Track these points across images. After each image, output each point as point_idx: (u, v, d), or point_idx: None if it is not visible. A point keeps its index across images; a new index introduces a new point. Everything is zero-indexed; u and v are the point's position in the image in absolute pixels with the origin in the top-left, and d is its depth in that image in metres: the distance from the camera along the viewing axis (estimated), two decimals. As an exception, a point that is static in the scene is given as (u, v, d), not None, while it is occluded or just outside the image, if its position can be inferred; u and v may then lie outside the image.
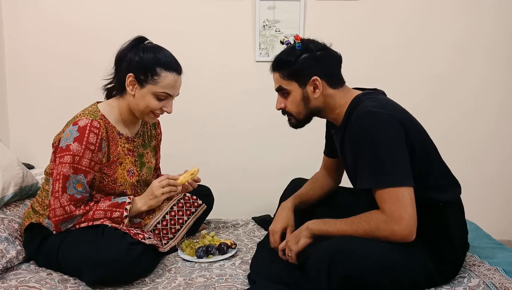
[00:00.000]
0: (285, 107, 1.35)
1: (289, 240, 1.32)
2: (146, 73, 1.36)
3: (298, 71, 1.28)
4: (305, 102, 1.30)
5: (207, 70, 2.29)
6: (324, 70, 1.28)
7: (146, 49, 1.40)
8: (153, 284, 1.29)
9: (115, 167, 1.42)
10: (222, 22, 2.27)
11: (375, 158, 1.15)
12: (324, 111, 1.33)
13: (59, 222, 1.34)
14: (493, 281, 1.19)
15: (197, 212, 1.64)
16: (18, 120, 2.33)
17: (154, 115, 1.45)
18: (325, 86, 1.29)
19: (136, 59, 1.37)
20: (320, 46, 1.30)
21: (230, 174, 2.35)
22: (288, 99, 1.32)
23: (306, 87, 1.29)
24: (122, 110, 1.45)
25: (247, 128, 2.34)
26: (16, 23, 2.25)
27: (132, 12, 2.24)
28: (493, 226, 1.97)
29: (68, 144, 1.32)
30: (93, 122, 1.34)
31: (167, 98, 1.41)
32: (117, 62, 1.43)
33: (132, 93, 1.39)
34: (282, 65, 1.30)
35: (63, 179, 1.32)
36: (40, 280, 1.26)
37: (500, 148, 2.38)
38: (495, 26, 2.28)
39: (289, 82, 1.30)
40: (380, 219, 1.13)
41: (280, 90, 1.33)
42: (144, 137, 1.57)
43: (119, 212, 1.37)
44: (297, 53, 1.27)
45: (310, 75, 1.27)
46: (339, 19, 2.24)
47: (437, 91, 2.34)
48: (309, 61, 1.27)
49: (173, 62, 1.41)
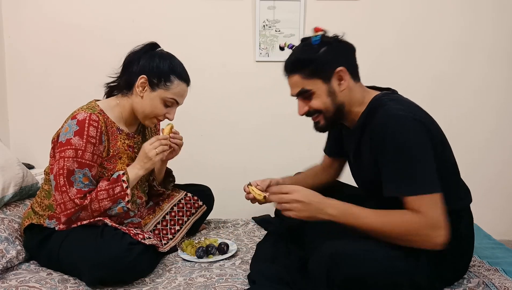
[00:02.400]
0: (309, 109, 1.26)
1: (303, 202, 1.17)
2: (160, 78, 1.39)
3: (320, 66, 1.21)
4: (332, 97, 1.23)
5: (207, 70, 2.29)
6: (346, 60, 1.23)
7: (162, 56, 1.43)
8: (153, 284, 1.29)
9: (115, 161, 1.42)
10: (222, 22, 2.27)
11: (407, 165, 1.10)
12: (348, 108, 1.25)
13: (71, 215, 1.32)
14: (493, 281, 1.19)
15: (197, 213, 1.65)
16: (18, 120, 2.33)
17: (157, 120, 1.46)
18: (349, 77, 1.23)
19: (152, 64, 1.40)
20: (335, 37, 1.24)
21: (230, 174, 2.35)
22: (313, 100, 1.24)
23: (331, 81, 1.22)
24: (123, 109, 1.45)
25: (247, 128, 2.34)
26: (16, 23, 2.25)
27: (132, 12, 2.24)
28: (493, 226, 1.97)
29: (69, 138, 1.32)
30: (92, 116, 1.34)
31: (173, 105, 1.44)
32: (126, 63, 1.45)
33: (141, 94, 1.40)
34: (302, 64, 1.23)
35: (68, 174, 1.31)
36: (40, 280, 1.26)
37: (500, 148, 2.38)
38: (495, 26, 2.29)
39: (311, 81, 1.22)
40: (421, 223, 1.08)
41: (301, 93, 1.25)
42: (144, 134, 1.57)
43: (119, 186, 1.35)
44: (316, 48, 1.21)
45: (334, 67, 1.21)
46: (339, 19, 2.25)
47: (437, 91, 2.34)
48: (330, 53, 1.21)
49: (186, 73, 1.45)
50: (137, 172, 1.41)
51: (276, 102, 2.30)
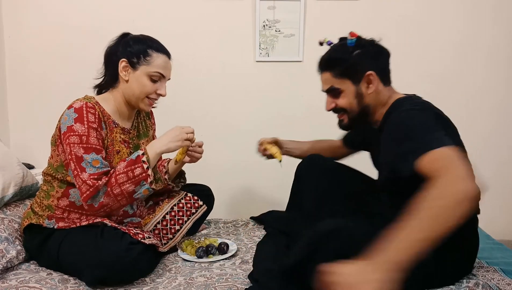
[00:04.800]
0: (336, 106, 1.32)
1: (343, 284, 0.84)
2: (139, 55, 1.40)
3: (352, 67, 1.26)
4: (358, 99, 1.28)
5: (207, 70, 2.29)
6: (378, 65, 1.27)
7: (135, 37, 1.45)
8: (154, 284, 1.29)
9: (112, 155, 1.41)
10: (222, 22, 2.27)
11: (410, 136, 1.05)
12: (374, 109, 1.30)
13: (88, 198, 1.29)
14: (492, 281, 1.19)
15: (197, 213, 1.65)
16: (18, 120, 2.33)
17: (149, 100, 1.45)
18: (378, 81, 1.27)
19: (127, 46, 1.42)
20: (371, 41, 1.30)
21: (230, 174, 2.35)
22: (340, 98, 1.30)
23: (360, 84, 1.27)
24: (117, 101, 1.46)
25: (247, 128, 2.34)
26: (16, 23, 2.25)
27: (132, 12, 2.24)
28: (493, 226, 1.97)
29: (70, 125, 1.31)
30: (88, 104, 1.35)
31: (160, 79, 1.44)
32: (106, 57, 1.47)
33: (126, 78, 1.41)
34: (334, 63, 1.28)
35: (77, 160, 1.30)
36: (40, 280, 1.26)
37: (499, 148, 2.38)
38: (495, 26, 2.29)
39: (342, 80, 1.27)
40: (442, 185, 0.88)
41: (331, 90, 1.31)
42: (138, 128, 1.56)
43: (139, 167, 1.32)
44: (350, 50, 1.26)
45: (365, 70, 1.25)
46: (339, 19, 2.25)
47: (437, 91, 2.33)
48: (363, 56, 1.26)
49: (163, 46, 1.46)
50: (157, 150, 1.36)
51: (276, 102, 2.30)
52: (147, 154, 1.34)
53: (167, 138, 1.39)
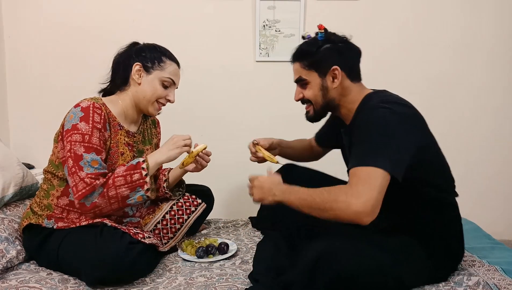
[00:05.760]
0: (303, 97, 1.37)
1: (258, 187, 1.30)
2: (153, 61, 1.45)
3: (319, 60, 1.30)
4: (323, 91, 1.32)
5: (207, 70, 2.30)
6: (344, 61, 1.30)
7: (149, 45, 1.50)
8: (154, 284, 1.29)
9: (116, 157, 1.42)
10: (222, 22, 2.27)
11: (366, 142, 1.14)
12: (339, 104, 1.34)
13: (83, 197, 1.29)
14: (493, 280, 1.19)
15: (197, 211, 1.64)
16: (18, 120, 2.33)
17: (158, 105, 1.49)
18: (344, 77, 1.30)
19: (142, 52, 1.46)
20: (341, 38, 1.33)
21: (230, 174, 2.35)
22: (307, 89, 1.34)
23: (325, 77, 1.31)
24: (124, 104, 1.47)
25: (247, 127, 2.34)
26: (16, 23, 2.25)
27: (132, 12, 2.25)
28: (493, 226, 1.98)
29: (74, 124, 1.32)
30: (95, 104, 1.37)
31: (170, 86, 1.49)
32: (116, 64, 1.49)
33: (138, 81, 1.45)
34: (303, 55, 1.33)
35: (76, 158, 1.30)
36: (40, 280, 1.26)
37: (500, 148, 2.38)
38: (495, 26, 2.29)
39: (309, 72, 1.32)
40: (341, 191, 1.10)
41: (299, 80, 1.35)
42: (144, 134, 1.57)
43: (138, 173, 1.34)
44: (319, 44, 1.30)
45: (330, 65, 1.29)
46: (339, 19, 2.24)
47: (437, 91, 2.34)
48: (331, 51, 1.30)
49: (174, 56, 1.52)
50: (157, 159, 1.41)
51: (276, 102, 2.30)
52: (147, 162, 1.38)
53: (166, 148, 1.43)
